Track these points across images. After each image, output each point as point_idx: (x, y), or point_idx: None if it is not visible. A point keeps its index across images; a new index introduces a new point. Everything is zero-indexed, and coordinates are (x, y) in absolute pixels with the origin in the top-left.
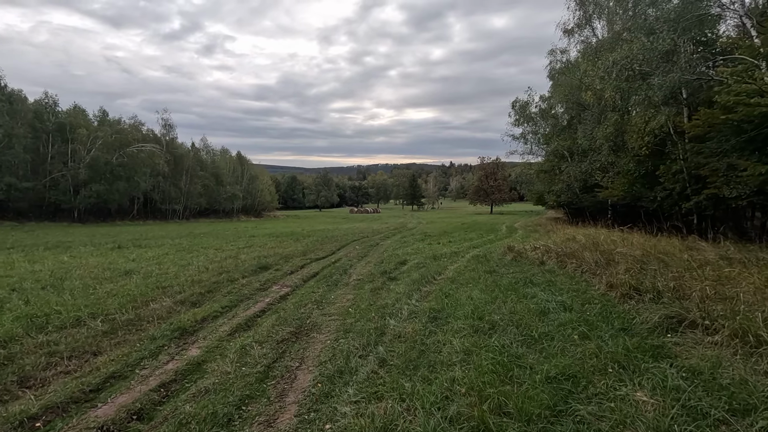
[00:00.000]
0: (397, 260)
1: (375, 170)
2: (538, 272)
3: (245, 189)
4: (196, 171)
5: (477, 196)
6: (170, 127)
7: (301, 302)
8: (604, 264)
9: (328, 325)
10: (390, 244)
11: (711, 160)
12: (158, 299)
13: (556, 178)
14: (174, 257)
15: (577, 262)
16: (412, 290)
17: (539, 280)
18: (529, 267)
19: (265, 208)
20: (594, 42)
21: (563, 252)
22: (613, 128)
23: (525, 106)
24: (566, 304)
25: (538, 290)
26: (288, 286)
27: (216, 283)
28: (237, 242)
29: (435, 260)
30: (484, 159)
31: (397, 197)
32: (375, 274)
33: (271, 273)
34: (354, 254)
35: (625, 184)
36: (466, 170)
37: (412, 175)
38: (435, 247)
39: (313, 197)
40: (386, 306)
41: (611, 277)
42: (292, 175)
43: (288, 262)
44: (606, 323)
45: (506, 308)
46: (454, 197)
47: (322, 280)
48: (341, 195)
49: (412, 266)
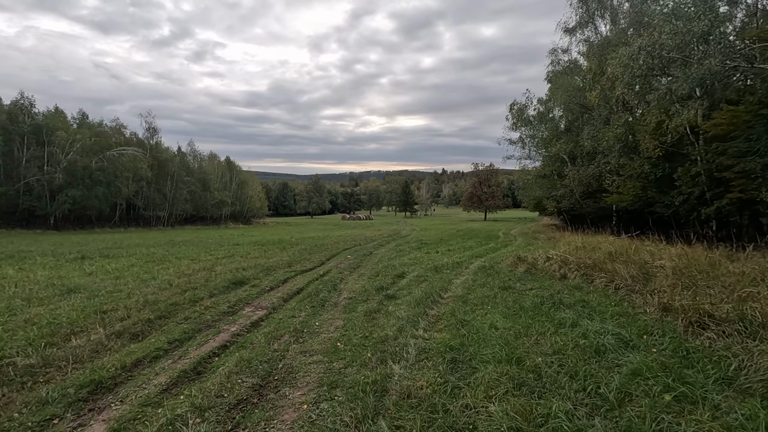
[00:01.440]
0: (394, 272)
1: (367, 177)
2: (562, 289)
3: (234, 195)
4: (181, 176)
5: (470, 203)
6: (154, 131)
7: (275, 332)
8: (642, 279)
9: (307, 371)
10: (384, 253)
11: (738, 161)
12: (89, 330)
13: (557, 183)
14: (138, 270)
15: (607, 277)
16: (416, 314)
17: (570, 300)
18: (549, 282)
19: (254, 215)
20: (597, 41)
21: (585, 263)
22: (623, 128)
23: (522, 110)
24: (624, 337)
25: (574, 314)
26: (263, 307)
27: (174, 305)
28: (217, 251)
29: (437, 272)
30: (477, 165)
31: (389, 204)
32: (369, 290)
33: (247, 290)
34: (345, 265)
35: (636, 189)
36: (458, 177)
37: (405, 181)
38: (434, 257)
39: (304, 204)
40: (386, 339)
41: (662, 296)
42: (284, 181)
43: (269, 275)
44: (698, 372)
45: (546, 344)
46: (447, 204)
47: (307, 298)
48: (333, 202)
49: (411, 280)
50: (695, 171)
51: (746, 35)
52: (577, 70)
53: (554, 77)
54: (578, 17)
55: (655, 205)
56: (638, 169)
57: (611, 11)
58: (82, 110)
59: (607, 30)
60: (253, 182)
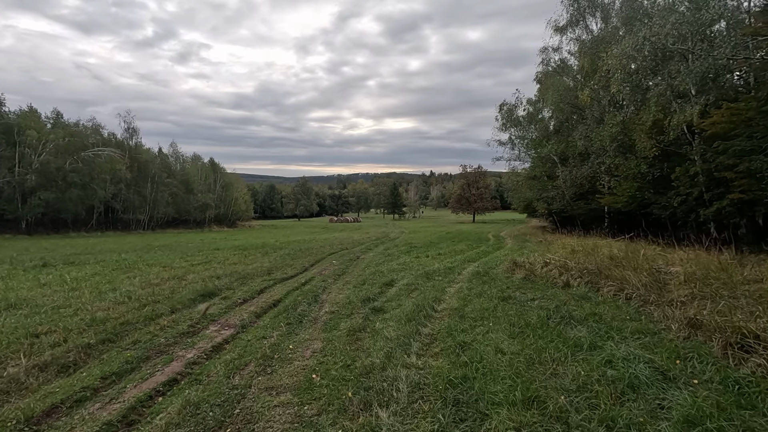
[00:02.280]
0: (382, 280)
1: (355, 179)
2: (568, 299)
3: (218, 198)
4: (162, 178)
5: (459, 205)
6: (134, 131)
7: (240, 360)
8: (655, 288)
9: (270, 420)
10: (372, 257)
11: (740, 161)
12: (8, 360)
13: (548, 185)
14: (100, 279)
15: (615, 285)
16: (407, 333)
17: (579, 314)
18: (551, 291)
19: (239, 218)
20: (588, 39)
21: (588, 269)
22: (618, 127)
23: (512, 110)
24: (658, 365)
25: (589, 332)
26: (231, 326)
27: (125, 324)
28: (194, 257)
29: (428, 279)
30: (465, 167)
31: (378, 206)
32: (354, 302)
33: (216, 303)
34: (330, 272)
35: (632, 189)
36: (446, 179)
37: (393, 183)
38: (424, 262)
39: (291, 206)
40: (372, 369)
41: (686, 310)
42: (271, 184)
43: (245, 284)
44: (762, 416)
45: (567, 375)
46: (435, 206)
47: (283, 313)
48: (321, 204)
49: (401, 289)
50: (694, 171)
51: (745, 30)
52: (567, 70)
53: (544, 78)
54: (569, 15)
55: (651, 206)
56: (635, 169)
57: (602, 9)
58: (56, 109)
59: (598, 28)
60: (238, 184)
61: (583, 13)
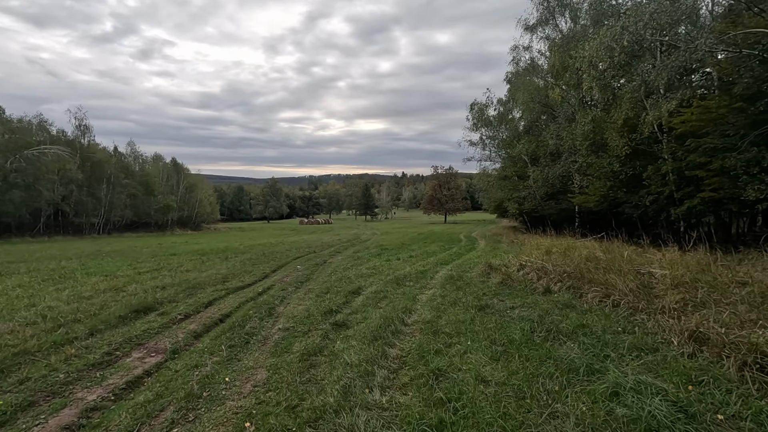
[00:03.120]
0: (349, 288)
1: (327, 180)
2: (551, 308)
3: (181, 199)
4: (119, 179)
5: (431, 206)
6: (86, 129)
7: (156, 402)
8: (644, 294)
9: None
10: (341, 261)
11: (711, 159)
12: None
13: (520, 185)
14: (22, 293)
15: (600, 290)
16: (371, 356)
17: (566, 326)
18: (531, 298)
19: (204, 220)
20: (558, 38)
21: (567, 273)
22: (590, 125)
23: (483, 110)
24: (673, 397)
25: (581, 351)
26: (160, 351)
27: (23, 353)
28: (145, 264)
29: (398, 285)
30: (437, 168)
31: (350, 207)
32: (314, 315)
33: (151, 320)
34: (292, 279)
35: (604, 188)
36: (418, 180)
37: (366, 184)
38: (395, 265)
39: (260, 208)
40: (323, 413)
41: (687, 321)
42: (239, 185)
43: (192, 295)
44: None
45: (569, 415)
46: (407, 207)
47: (228, 332)
48: (291, 206)
49: (368, 298)
50: (665, 169)
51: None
52: (538, 70)
53: (514, 78)
54: (539, 14)
55: (623, 205)
56: (608, 167)
57: (571, 9)
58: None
59: (567, 27)
60: (203, 185)
61: (553, 13)
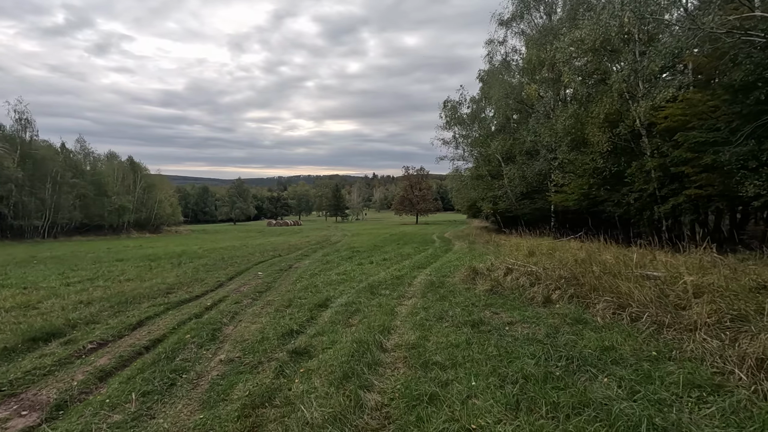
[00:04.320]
0: (315, 299)
1: (297, 181)
2: (558, 323)
3: (139, 200)
4: (66, 178)
5: (402, 206)
6: (29, 123)
7: None
8: (670, 305)
9: None
10: (308, 266)
11: (699, 155)
12: None
13: (495, 184)
14: None
15: (613, 300)
16: (342, 410)
17: (588, 351)
18: (531, 311)
19: (165, 222)
20: (534, 32)
21: (565, 278)
22: (571, 120)
23: (456, 108)
24: None
25: (625, 391)
26: (37, 407)
27: None
28: (81, 272)
29: (373, 295)
30: (409, 169)
31: (320, 209)
32: (270, 338)
33: (48, 352)
34: (250, 288)
35: (586, 185)
36: (389, 181)
37: (336, 185)
38: (368, 270)
39: (226, 210)
40: None
41: (745, 343)
42: (204, 185)
43: (120, 313)
44: None
45: None
46: (378, 208)
47: (149, 368)
48: (259, 207)
49: (338, 312)
50: (650, 166)
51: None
52: (512, 67)
53: (487, 76)
54: (514, 8)
55: (605, 203)
56: (590, 164)
57: (546, 5)
58: None
59: (543, 22)
60: (163, 185)
61: (528, 7)
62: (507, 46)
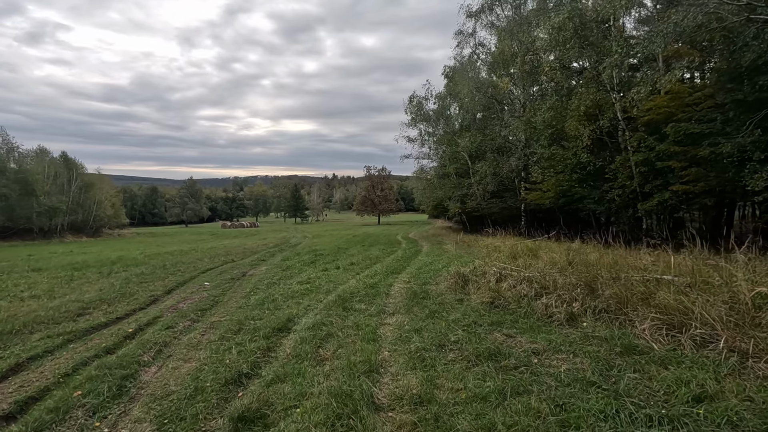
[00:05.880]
0: (274, 320)
1: (254, 182)
2: (605, 354)
3: (74, 201)
4: None
5: (364, 207)
6: None
7: None
8: (743, 323)
9: None
10: (265, 273)
11: (689, 148)
12: None
13: (464, 182)
14: None
15: (664, 319)
16: None
17: (679, 404)
18: (557, 332)
19: (105, 225)
20: (505, 24)
21: (575, 285)
22: (551, 113)
23: (422, 104)
24: None
25: None
26: None
27: None
28: None
29: (346, 311)
30: (370, 169)
31: (278, 210)
32: (206, 390)
33: None
34: (192, 304)
35: (566, 182)
36: (349, 182)
37: (295, 185)
38: (335, 276)
39: (177, 211)
40: None
41: None
42: (153, 186)
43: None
44: None
45: None
46: (339, 209)
47: None
48: (213, 208)
49: (304, 340)
50: (635, 160)
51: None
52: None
53: (453, 72)
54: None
55: (584, 200)
56: (572, 159)
57: None
58: None
59: (511, 15)
60: (103, 185)
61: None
62: (477, 38)
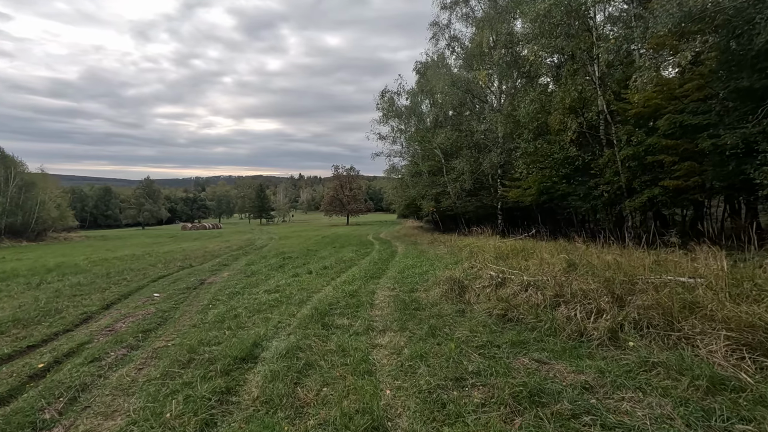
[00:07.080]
0: (236, 345)
1: (216, 182)
2: (685, 394)
3: (12, 202)
4: None
5: (332, 207)
6: None
7: None
8: None
9: None
10: (227, 280)
11: (680, 141)
12: None
13: (439, 180)
14: None
15: (737, 338)
16: None
17: None
18: (597, 353)
19: (50, 228)
20: (480, 15)
21: (602, 290)
22: (537, 104)
23: (394, 99)
24: None
25: None
26: None
27: None
28: None
29: (326, 329)
30: (339, 168)
31: (242, 210)
32: None
33: None
34: (133, 324)
35: (548, 179)
36: (316, 182)
37: (260, 185)
38: (307, 282)
39: (133, 213)
40: None
41: None
42: (106, 186)
43: None
44: None
45: None
46: (306, 209)
47: None
48: (172, 209)
49: (275, 376)
50: (623, 155)
51: None
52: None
53: (426, 69)
54: None
55: (569, 197)
56: (560, 153)
57: None
58: None
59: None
60: (46, 184)
61: None
62: (452, 30)
